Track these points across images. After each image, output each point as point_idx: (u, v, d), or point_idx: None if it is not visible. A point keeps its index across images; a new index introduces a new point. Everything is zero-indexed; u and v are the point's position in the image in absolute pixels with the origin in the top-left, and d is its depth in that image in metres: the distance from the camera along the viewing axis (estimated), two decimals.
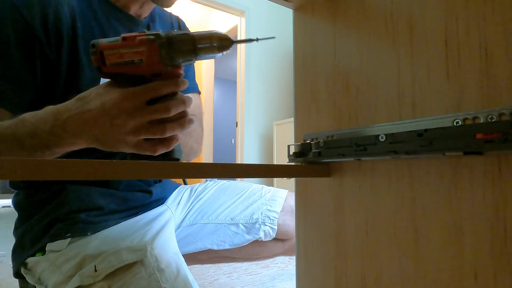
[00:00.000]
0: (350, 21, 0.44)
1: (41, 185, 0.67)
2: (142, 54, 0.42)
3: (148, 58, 0.42)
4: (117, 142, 0.45)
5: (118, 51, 0.42)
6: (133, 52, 0.42)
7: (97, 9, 0.66)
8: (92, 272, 0.55)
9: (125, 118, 0.44)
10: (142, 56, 0.42)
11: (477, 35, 0.31)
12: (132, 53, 0.42)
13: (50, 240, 0.62)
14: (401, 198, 0.36)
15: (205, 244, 0.83)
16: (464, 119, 0.30)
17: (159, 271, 0.57)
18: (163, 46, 0.42)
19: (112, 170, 0.33)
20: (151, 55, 0.42)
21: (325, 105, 0.47)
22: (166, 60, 0.43)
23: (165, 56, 0.42)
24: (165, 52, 0.42)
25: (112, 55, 0.42)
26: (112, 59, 0.42)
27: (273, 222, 0.83)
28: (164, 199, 0.82)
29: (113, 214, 0.69)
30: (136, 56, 0.42)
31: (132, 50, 0.42)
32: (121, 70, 0.43)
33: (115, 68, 0.43)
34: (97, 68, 0.44)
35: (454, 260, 0.31)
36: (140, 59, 0.42)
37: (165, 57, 0.42)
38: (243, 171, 0.41)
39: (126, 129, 0.44)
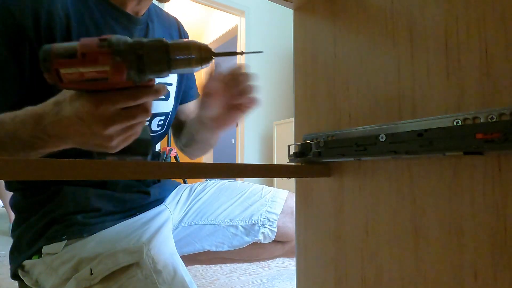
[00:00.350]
0: (350, 21, 0.44)
1: (38, 186, 0.67)
2: (106, 73, 0.36)
3: (114, 78, 0.36)
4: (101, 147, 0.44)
5: (77, 70, 0.35)
6: (96, 71, 0.35)
7: (93, 8, 0.65)
8: (88, 275, 0.55)
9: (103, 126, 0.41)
10: (107, 75, 0.36)
11: (477, 35, 0.31)
12: (95, 72, 0.35)
13: (46, 243, 0.61)
14: (401, 198, 0.36)
15: (203, 246, 0.83)
16: (464, 119, 0.30)
17: (156, 272, 0.57)
18: (131, 65, 0.36)
19: (111, 170, 0.33)
20: (117, 75, 0.36)
21: (325, 105, 0.47)
22: (135, 78, 0.37)
23: (134, 75, 0.37)
24: (134, 71, 0.36)
25: (70, 74, 0.35)
26: (70, 78, 0.36)
27: (272, 224, 0.83)
28: (163, 199, 0.82)
29: (110, 216, 0.68)
30: (99, 75, 0.36)
31: (94, 69, 0.35)
32: (82, 86, 0.38)
33: (75, 85, 0.37)
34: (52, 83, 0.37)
35: (454, 260, 0.31)
36: (104, 78, 0.36)
37: (134, 76, 0.37)
38: (243, 171, 0.41)
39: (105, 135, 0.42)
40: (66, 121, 0.42)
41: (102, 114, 0.40)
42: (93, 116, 0.40)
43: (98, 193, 0.68)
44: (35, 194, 0.67)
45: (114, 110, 0.41)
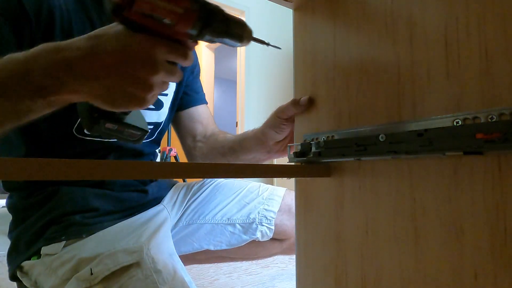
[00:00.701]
0: (350, 21, 0.44)
1: (35, 187, 0.67)
2: (176, 16, 0.35)
3: (180, 24, 0.36)
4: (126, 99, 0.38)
5: (153, 1, 0.34)
6: (168, 11, 0.35)
7: (90, 7, 0.65)
8: (88, 276, 0.54)
9: (151, 71, 0.37)
10: (175, 19, 0.35)
11: (477, 35, 0.31)
12: (167, 11, 0.35)
13: (45, 244, 0.61)
14: (401, 198, 0.36)
15: (201, 245, 0.82)
16: (464, 119, 0.30)
17: (156, 272, 0.57)
18: (200, 19, 0.36)
19: (110, 170, 0.33)
20: (185, 22, 0.36)
21: (325, 105, 0.47)
22: (194, 33, 0.37)
23: (197, 29, 0.37)
24: (199, 26, 0.36)
25: (146, 3, 0.34)
26: (142, 7, 0.34)
27: (270, 222, 0.83)
28: (161, 198, 0.82)
29: (108, 215, 0.68)
30: (169, 15, 0.35)
31: (168, 7, 0.35)
32: (143, 22, 0.36)
33: (138, 17, 0.35)
34: (115, 7, 0.35)
35: (454, 260, 0.31)
36: (171, 21, 0.35)
37: (196, 30, 0.37)
38: (243, 171, 0.41)
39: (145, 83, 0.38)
40: (105, 57, 0.36)
41: (155, 58, 0.37)
42: (145, 57, 0.37)
43: (96, 193, 0.68)
44: (32, 195, 0.66)
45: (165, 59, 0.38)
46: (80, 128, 0.64)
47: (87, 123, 0.45)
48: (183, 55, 0.39)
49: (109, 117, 0.44)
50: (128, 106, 0.39)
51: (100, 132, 0.45)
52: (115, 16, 0.35)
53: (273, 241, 0.87)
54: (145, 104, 0.39)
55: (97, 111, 0.43)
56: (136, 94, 0.38)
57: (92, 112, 0.44)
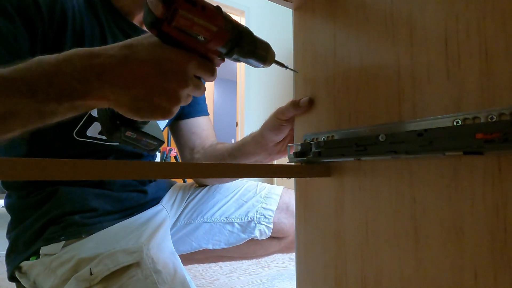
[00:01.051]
0: (350, 21, 0.44)
1: (33, 186, 0.66)
2: (210, 34, 0.37)
3: (213, 42, 0.37)
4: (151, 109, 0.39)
5: (192, 18, 0.35)
6: (204, 28, 0.36)
7: (101, 14, 0.65)
8: (87, 276, 0.54)
9: (183, 84, 0.38)
10: (209, 36, 0.37)
11: (477, 35, 0.31)
12: (203, 28, 0.36)
13: (44, 244, 0.61)
14: (401, 198, 0.36)
15: (200, 244, 0.82)
16: (464, 119, 0.30)
17: (156, 272, 0.57)
18: (231, 38, 0.38)
19: (110, 170, 0.33)
20: (218, 40, 0.37)
21: (325, 105, 0.47)
22: (224, 51, 0.39)
23: (227, 48, 0.39)
24: (230, 45, 0.38)
25: (185, 20, 0.35)
26: (181, 23, 0.35)
27: (268, 220, 0.83)
28: (159, 198, 0.82)
29: (108, 215, 0.68)
30: (203, 33, 0.36)
31: (205, 25, 0.36)
32: (179, 36, 0.37)
33: (175, 32, 0.36)
34: (153, 20, 0.35)
35: (454, 260, 0.31)
36: (205, 38, 0.37)
37: (226, 49, 0.39)
38: (243, 171, 0.41)
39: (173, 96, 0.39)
40: (136, 66, 0.37)
41: (186, 72, 0.38)
42: (176, 71, 0.38)
43: (95, 193, 0.68)
44: (31, 195, 0.66)
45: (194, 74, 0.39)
46: (81, 131, 0.64)
47: (108, 129, 0.46)
48: (211, 72, 0.41)
49: (130, 125, 0.45)
50: (153, 116, 0.39)
51: (119, 139, 0.46)
52: (153, 28, 0.36)
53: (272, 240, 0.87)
54: (169, 115, 0.40)
55: (119, 119, 0.44)
56: (163, 105, 0.39)
57: (114, 119, 0.45)
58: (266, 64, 0.42)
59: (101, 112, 0.46)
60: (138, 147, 0.50)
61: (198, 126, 0.83)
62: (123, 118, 0.43)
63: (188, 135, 0.83)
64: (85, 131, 0.65)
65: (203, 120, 0.85)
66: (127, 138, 0.47)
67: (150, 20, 0.36)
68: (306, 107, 0.50)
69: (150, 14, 0.35)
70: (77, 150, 0.66)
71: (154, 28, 0.36)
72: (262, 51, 0.41)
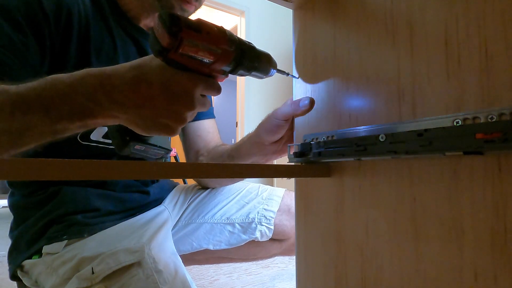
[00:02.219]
0: (350, 21, 0.44)
1: (37, 185, 0.67)
2: (215, 56, 0.38)
3: (218, 63, 0.39)
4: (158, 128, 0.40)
5: (197, 44, 0.36)
6: (209, 52, 0.37)
7: (109, 17, 0.66)
8: (89, 275, 0.55)
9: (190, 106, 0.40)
10: (214, 58, 0.38)
11: (477, 35, 0.31)
12: (208, 52, 0.37)
13: (46, 243, 0.61)
14: (401, 198, 0.36)
15: (201, 244, 0.82)
16: (464, 119, 0.30)
17: (157, 272, 0.57)
18: (235, 57, 0.39)
19: (112, 170, 0.33)
20: (223, 61, 0.39)
21: (325, 105, 0.47)
22: (228, 69, 0.41)
23: (232, 66, 0.40)
24: (234, 63, 0.40)
25: (190, 46, 0.36)
26: (187, 50, 0.36)
27: (269, 222, 0.82)
28: (162, 199, 0.82)
29: (110, 215, 0.68)
30: (209, 56, 0.37)
31: (210, 49, 0.37)
32: (185, 62, 0.38)
33: (181, 58, 0.37)
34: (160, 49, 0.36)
35: (454, 260, 0.31)
36: (210, 61, 0.38)
37: (231, 66, 0.40)
38: (243, 171, 0.41)
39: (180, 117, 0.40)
40: (145, 87, 0.38)
41: (194, 94, 0.39)
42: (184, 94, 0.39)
43: (98, 193, 0.68)
44: (34, 194, 0.67)
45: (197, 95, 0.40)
46: (85, 135, 0.65)
47: (118, 145, 0.48)
48: (218, 90, 0.42)
49: (139, 139, 0.47)
50: (160, 133, 0.41)
51: (129, 153, 0.48)
52: (159, 55, 0.37)
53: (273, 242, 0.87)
54: (175, 134, 0.42)
55: (128, 135, 0.46)
56: (169, 125, 0.41)
57: (124, 136, 0.47)
58: (269, 74, 0.44)
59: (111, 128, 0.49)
60: (146, 157, 0.51)
61: (204, 129, 0.84)
62: (133, 134, 0.45)
63: (194, 138, 0.83)
64: (89, 135, 0.65)
65: (209, 123, 0.85)
66: (136, 151, 0.49)
67: (157, 48, 0.36)
68: (307, 109, 0.49)
69: (156, 42, 0.36)
70: (81, 153, 0.66)
71: (160, 55, 0.37)
72: (265, 64, 0.43)
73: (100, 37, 0.64)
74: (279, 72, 0.46)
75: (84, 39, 0.62)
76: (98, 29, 0.64)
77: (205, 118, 0.85)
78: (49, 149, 0.65)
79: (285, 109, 0.52)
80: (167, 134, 0.42)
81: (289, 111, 0.52)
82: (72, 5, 0.60)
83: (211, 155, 0.80)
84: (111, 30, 0.65)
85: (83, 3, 0.62)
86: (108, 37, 0.65)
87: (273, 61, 0.44)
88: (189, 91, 0.39)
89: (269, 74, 0.44)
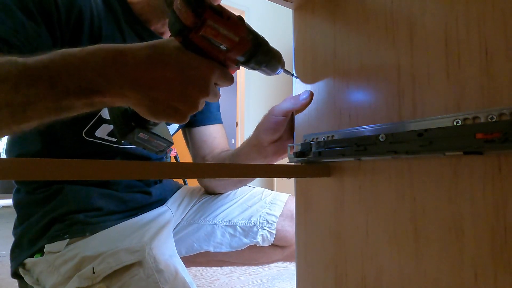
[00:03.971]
0: (350, 21, 0.44)
1: (41, 182, 0.67)
2: (232, 43, 0.38)
3: (234, 51, 0.38)
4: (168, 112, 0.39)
5: (218, 28, 0.36)
6: (227, 38, 0.37)
7: (120, 19, 0.66)
8: (90, 274, 0.55)
9: (205, 91, 0.39)
10: (231, 45, 0.38)
11: (477, 35, 0.31)
12: (226, 38, 0.37)
13: (48, 241, 0.61)
14: (401, 198, 0.36)
15: (201, 246, 0.82)
16: (464, 119, 0.30)
17: (158, 272, 0.57)
18: (251, 49, 0.39)
19: (113, 170, 0.33)
20: (239, 50, 0.39)
21: (325, 105, 0.47)
22: (242, 60, 0.40)
23: (246, 57, 0.40)
24: (248, 54, 0.40)
25: (212, 29, 0.36)
26: (207, 32, 0.36)
27: (271, 226, 0.82)
28: (164, 200, 0.82)
29: (112, 215, 0.69)
30: (226, 42, 0.37)
31: (229, 35, 0.37)
32: (202, 44, 0.37)
33: (200, 41, 0.37)
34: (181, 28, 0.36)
35: (454, 260, 0.31)
36: (227, 47, 0.38)
37: (245, 57, 0.40)
38: (243, 171, 0.41)
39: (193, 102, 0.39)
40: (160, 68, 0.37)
41: (210, 80, 0.39)
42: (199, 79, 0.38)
43: (100, 193, 0.68)
44: (38, 191, 0.67)
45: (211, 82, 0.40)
46: (90, 131, 0.65)
47: (121, 130, 0.46)
48: (231, 80, 0.42)
49: (144, 127, 0.46)
50: (168, 119, 0.39)
51: (132, 140, 0.46)
52: (179, 36, 0.37)
53: (275, 248, 0.86)
54: (184, 121, 0.40)
55: (134, 120, 0.44)
56: (181, 110, 0.39)
57: (129, 121, 0.45)
58: (276, 73, 0.44)
59: (114, 113, 0.47)
60: (148, 148, 0.50)
61: (210, 135, 0.83)
62: (138, 120, 0.44)
63: (200, 143, 0.83)
64: (94, 132, 0.65)
65: (215, 128, 0.84)
66: (139, 140, 0.47)
67: (178, 27, 0.36)
68: (306, 103, 0.49)
69: (178, 21, 0.36)
70: (85, 150, 0.67)
71: (180, 35, 0.37)
72: (276, 61, 0.43)
73: (111, 37, 0.64)
74: (285, 72, 0.46)
75: (95, 38, 0.62)
76: (109, 29, 0.64)
77: (212, 123, 0.84)
78: (53, 143, 0.65)
79: (284, 104, 0.52)
80: (176, 120, 0.40)
81: (288, 106, 0.52)
82: (84, 4, 0.60)
83: (215, 160, 0.80)
84: (122, 31, 0.66)
85: (96, 3, 0.63)
86: (119, 38, 0.65)
87: (283, 60, 0.44)
88: (205, 77, 0.38)
89: (277, 72, 0.44)
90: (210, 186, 0.86)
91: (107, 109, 0.48)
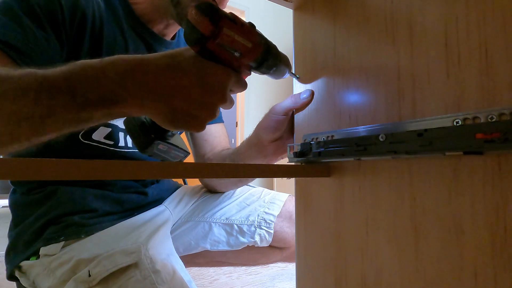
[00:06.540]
0: (350, 21, 0.44)
1: (36, 183, 0.67)
2: (246, 49, 0.38)
3: (247, 57, 0.39)
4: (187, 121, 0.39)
5: (233, 35, 0.37)
6: (241, 44, 0.38)
7: (122, 20, 0.66)
8: (86, 277, 0.54)
9: (219, 100, 0.39)
10: (245, 51, 0.38)
11: (477, 35, 0.31)
12: (241, 44, 0.38)
13: (43, 244, 0.61)
14: (401, 198, 0.36)
15: (198, 243, 0.81)
16: (464, 119, 0.30)
17: (155, 272, 0.56)
18: (263, 53, 0.40)
19: (113, 170, 0.33)
20: (251, 55, 0.39)
21: (325, 105, 0.47)
22: (254, 65, 0.41)
23: (257, 62, 0.41)
24: (260, 59, 0.40)
25: (227, 36, 0.36)
26: (224, 40, 0.36)
27: (269, 226, 0.81)
28: (161, 200, 0.82)
29: (107, 216, 0.68)
30: (240, 48, 0.38)
31: (243, 41, 0.38)
32: (219, 53, 0.38)
33: (217, 49, 0.37)
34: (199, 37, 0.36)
35: (454, 260, 0.31)
36: (240, 53, 0.38)
37: (257, 62, 0.41)
38: (243, 171, 0.41)
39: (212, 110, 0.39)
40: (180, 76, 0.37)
41: (226, 88, 0.39)
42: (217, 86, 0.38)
43: (95, 194, 0.68)
44: (33, 191, 0.66)
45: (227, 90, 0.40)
46: (87, 133, 0.65)
47: (141, 143, 0.45)
48: (244, 85, 0.43)
49: (163, 138, 0.45)
50: (188, 127, 0.39)
51: (151, 153, 0.46)
52: (197, 45, 0.37)
53: (273, 249, 0.86)
54: (203, 128, 0.40)
55: (153, 132, 0.44)
56: (200, 117, 0.39)
57: (148, 133, 0.45)
58: (283, 77, 0.45)
59: (131, 125, 0.46)
60: (166, 160, 0.49)
61: (210, 134, 0.83)
62: (157, 131, 0.44)
63: (201, 143, 0.83)
64: (91, 135, 0.65)
65: (216, 128, 0.84)
66: (158, 151, 0.47)
67: (196, 36, 0.36)
68: (307, 101, 0.49)
69: (195, 31, 0.36)
70: (82, 152, 0.66)
71: (198, 44, 0.37)
72: (284, 65, 0.44)
73: (113, 38, 0.64)
74: (291, 75, 0.47)
75: (97, 39, 0.62)
76: (111, 30, 0.64)
77: (213, 122, 0.84)
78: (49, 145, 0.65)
79: (285, 102, 0.52)
80: (194, 128, 0.39)
81: (289, 104, 0.52)
82: (87, 5, 0.60)
83: (216, 159, 0.79)
84: (124, 32, 0.66)
85: (98, 4, 0.63)
86: (120, 39, 0.65)
87: (290, 64, 0.45)
88: (222, 83, 0.39)
89: (284, 75, 0.45)
90: (211, 185, 0.86)
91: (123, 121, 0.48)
